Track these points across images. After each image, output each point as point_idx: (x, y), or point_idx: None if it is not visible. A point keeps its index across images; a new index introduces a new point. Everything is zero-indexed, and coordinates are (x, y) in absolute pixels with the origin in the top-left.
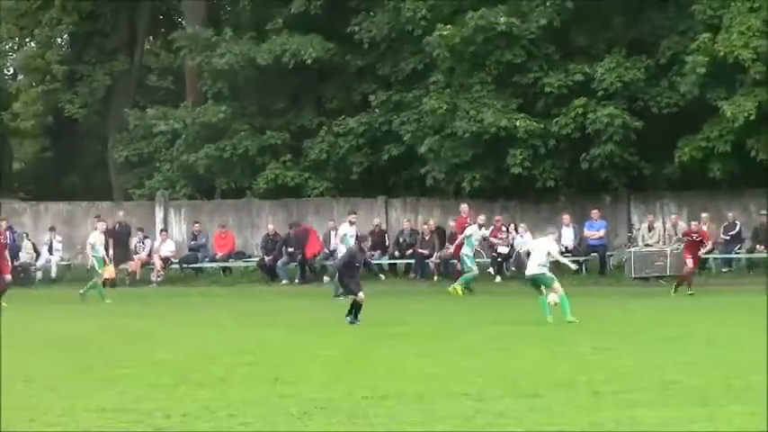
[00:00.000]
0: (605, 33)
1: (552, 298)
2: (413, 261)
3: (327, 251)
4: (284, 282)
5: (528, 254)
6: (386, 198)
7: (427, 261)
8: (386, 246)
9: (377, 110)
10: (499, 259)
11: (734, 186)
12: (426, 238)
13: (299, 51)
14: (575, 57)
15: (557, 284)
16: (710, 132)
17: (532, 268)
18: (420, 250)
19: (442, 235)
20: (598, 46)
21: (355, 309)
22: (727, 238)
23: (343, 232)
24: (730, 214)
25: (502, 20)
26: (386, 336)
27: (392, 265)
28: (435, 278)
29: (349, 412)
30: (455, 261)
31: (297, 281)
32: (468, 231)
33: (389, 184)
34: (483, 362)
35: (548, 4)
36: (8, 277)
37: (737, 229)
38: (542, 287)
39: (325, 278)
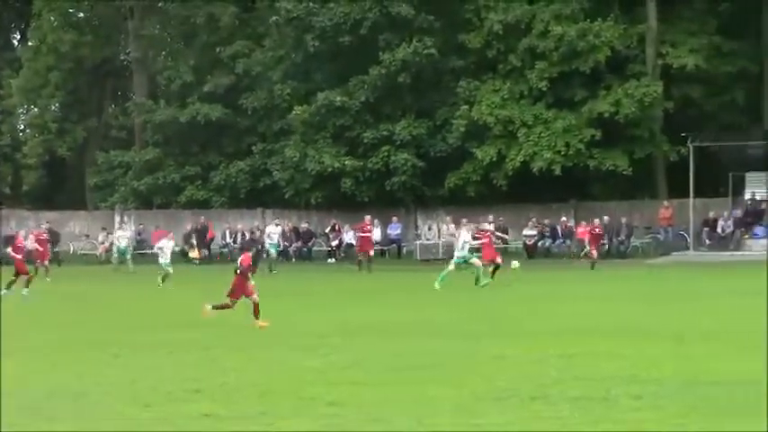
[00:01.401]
0: (401, 104)
1: None
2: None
3: (228, 241)
4: (196, 262)
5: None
6: (262, 209)
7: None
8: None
9: (257, 155)
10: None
11: (483, 203)
12: (288, 235)
13: (207, 114)
14: (382, 119)
15: None
16: (468, 168)
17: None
18: (284, 242)
19: (297, 233)
20: (396, 113)
21: None
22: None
23: (268, 231)
24: (482, 219)
25: (338, 98)
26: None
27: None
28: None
29: None
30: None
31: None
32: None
33: (265, 200)
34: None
35: (366, 86)
36: (46, 263)
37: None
38: None
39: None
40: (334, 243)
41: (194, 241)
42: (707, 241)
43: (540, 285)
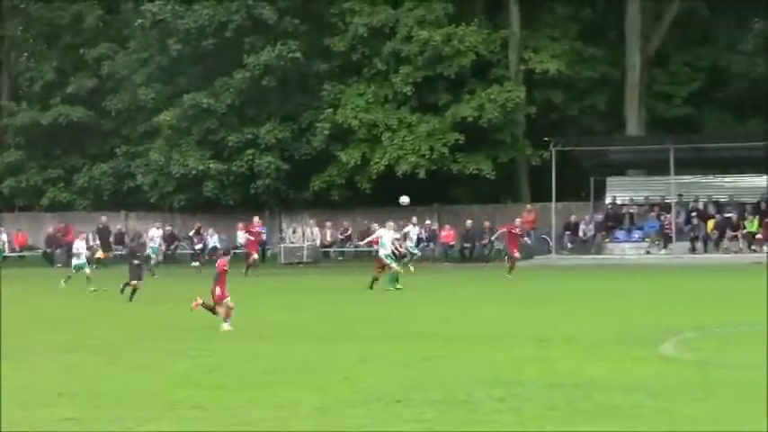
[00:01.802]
0: (266, 107)
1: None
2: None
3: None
4: (59, 265)
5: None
6: (126, 212)
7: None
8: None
9: (120, 157)
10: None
11: (347, 206)
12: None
13: (69, 115)
14: (247, 123)
15: None
16: (333, 171)
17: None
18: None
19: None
20: (261, 116)
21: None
22: (343, 237)
23: (151, 235)
24: (345, 222)
25: (205, 101)
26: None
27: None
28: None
29: None
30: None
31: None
32: (379, 233)
33: (129, 203)
34: None
35: (231, 89)
36: None
37: (350, 232)
38: None
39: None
40: (198, 246)
41: (99, 242)
42: (569, 245)
43: (404, 289)
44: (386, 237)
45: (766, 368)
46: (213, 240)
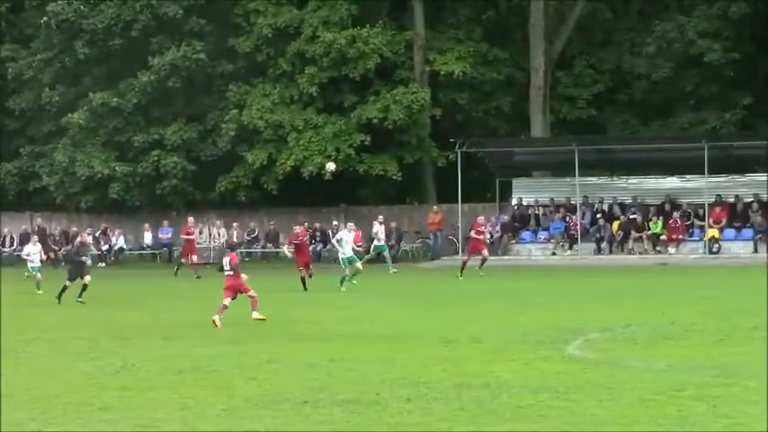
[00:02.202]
0: (172, 108)
1: None
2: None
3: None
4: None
5: None
6: (31, 213)
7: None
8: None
9: (25, 157)
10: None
11: (254, 206)
12: (57, 238)
13: None
14: (153, 123)
15: None
16: (239, 172)
17: None
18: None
19: (66, 237)
20: (167, 116)
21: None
22: (249, 239)
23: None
24: (252, 223)
25: (114, 99)
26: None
27: None
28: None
29: None
30: None
31: None
32: (339, 235)
33: (33, 203)
34: None
35: (137, 90)
36: None
37: (257, 233)
38: None
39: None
40: (105, 247)
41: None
42: None
43: (312, 290)
44: (346, 238)
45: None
46: (119, 242)
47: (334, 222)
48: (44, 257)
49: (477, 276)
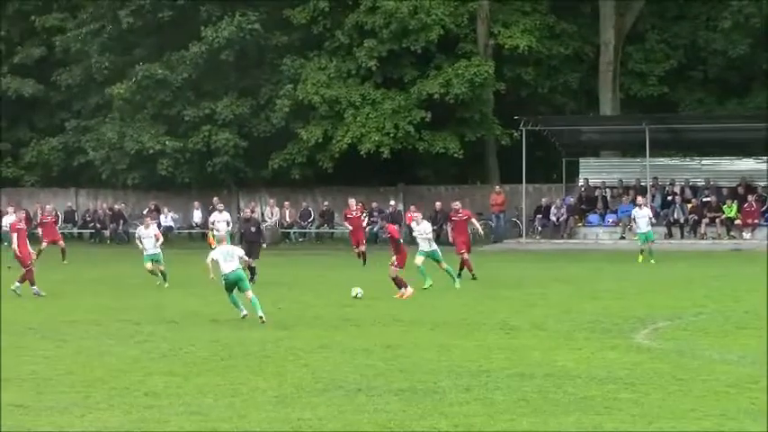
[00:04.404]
0: (224, 82)
1: None
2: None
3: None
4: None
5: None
6: (76, 189)
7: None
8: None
9: (70, 131)
10: None
11: (307, 185)
12: (101, 217)
13: (19, 89)
14: (204, 97)
15: None
16: (293, 149)
17: None
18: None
19: (113, 214)
20: (219, 91)
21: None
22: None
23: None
24: (305, 203)
25: (159, 71)
26: None
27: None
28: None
29: None
30: None
31: None
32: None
33: (80, 179)
34: None
35: (187, 62)
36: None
37: (311, 213)
38: None
39: None
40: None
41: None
42: (539, 229)
43: (368, 273)
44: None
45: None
46: (167, 220)
47: (392, 202)
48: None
49: (539, 260)
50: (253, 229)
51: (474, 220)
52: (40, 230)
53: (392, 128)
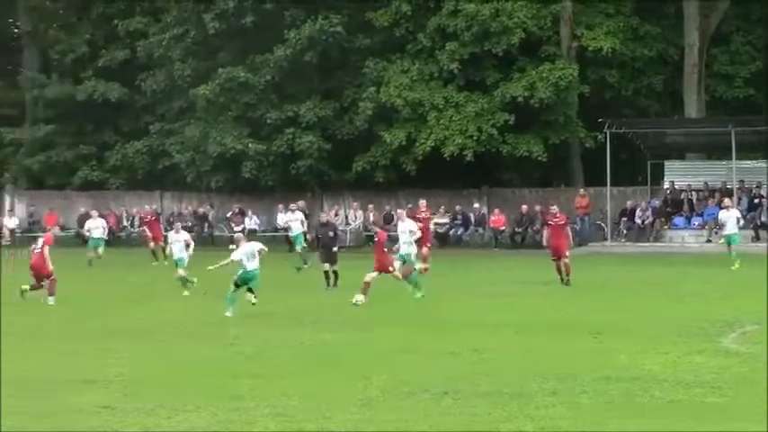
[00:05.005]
0: (308, 85)
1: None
2: None
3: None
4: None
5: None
6: (161, 192)
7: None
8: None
9: (155, 134)
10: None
11: (391, 188)
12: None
13: (105, 93)
14: (287, 100)
15: None
16: (376, 152)
17: None
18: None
19: (197, 217)
20: (302, 94)
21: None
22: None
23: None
24: (387, 206)
25: (242, 74)
26: None
27: None
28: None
29: None
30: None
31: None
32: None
33: (165, 182)
34: None
35: (271, 65)
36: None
37: (393, 215)
38: None
39: None
40: (239, 228)
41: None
42: (624, 232)
43: (452, 276)
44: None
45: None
46: (252, 223)
47: (475, 204)
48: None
49: (624, 263)
50: (330, 234)
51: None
52: (146, 231)
53: (475, 131)
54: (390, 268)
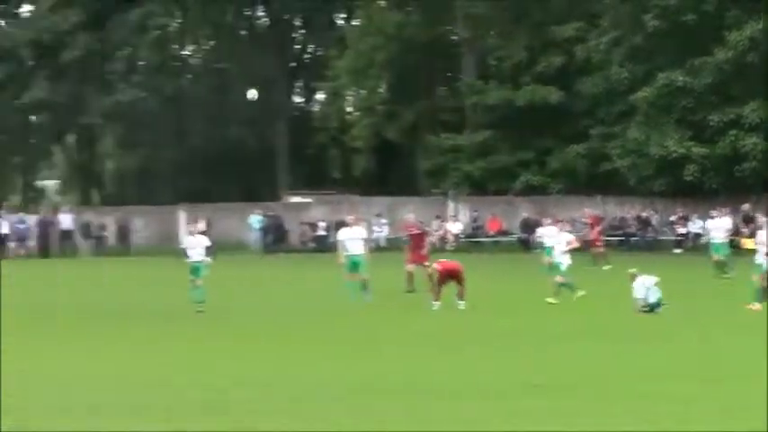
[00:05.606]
0: (749, 85)
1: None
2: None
3: None
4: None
5: None
6: (602, 197)
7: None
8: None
9: (594, 138)
10: None
11: None
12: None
13: (545, 97)
14: (728, 102)
15: None
16: None
17: None
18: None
19: (640, 221)
20: (745, 95)
21: None
22: None
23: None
24: None
25: (680, 79)
26: None
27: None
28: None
29: None
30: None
31: None
32: None
33: (606, 186)
34: None
35: (711, 67)
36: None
37: None
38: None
39: None
40: (682, 231)
41: None
42: None
43: None
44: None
45: None
46: (695, 227)
47: None
48: None
49: None
50: None
51: None
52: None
53: None
54: None
